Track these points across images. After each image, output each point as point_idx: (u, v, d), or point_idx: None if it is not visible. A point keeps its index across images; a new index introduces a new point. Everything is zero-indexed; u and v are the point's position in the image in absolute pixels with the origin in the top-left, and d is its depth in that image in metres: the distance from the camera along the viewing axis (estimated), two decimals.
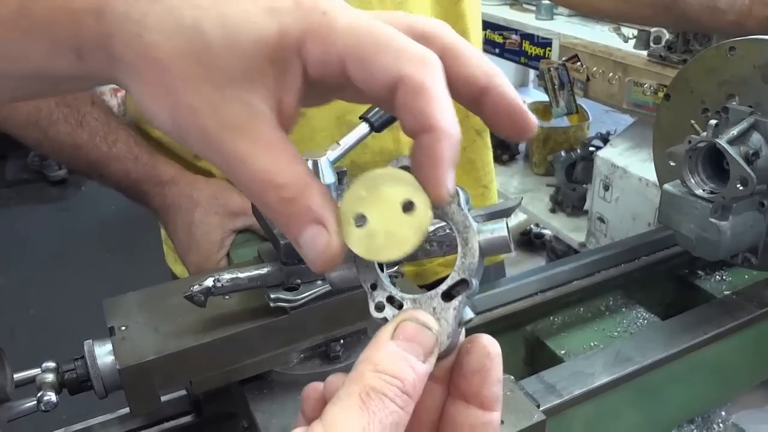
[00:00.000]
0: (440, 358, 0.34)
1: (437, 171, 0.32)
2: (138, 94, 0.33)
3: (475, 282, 0.35)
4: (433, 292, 0.35)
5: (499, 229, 0.35)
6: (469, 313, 0.36)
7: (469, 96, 0.35)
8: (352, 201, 0.34)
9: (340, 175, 0.66)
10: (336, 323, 0.66)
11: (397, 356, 0.32)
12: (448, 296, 0.35)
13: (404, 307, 0.35)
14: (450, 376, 0.36)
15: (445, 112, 0.32)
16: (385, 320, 0.35)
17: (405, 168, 0.35)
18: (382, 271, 0.37)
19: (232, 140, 0.32)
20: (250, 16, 0.32)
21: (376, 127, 0.67)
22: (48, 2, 0.32)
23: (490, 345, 0.35)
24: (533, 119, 0.36)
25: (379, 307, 0.36)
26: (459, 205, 0.35)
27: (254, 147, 0.32)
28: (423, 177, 0.33)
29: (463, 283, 0.35)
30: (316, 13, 0.32)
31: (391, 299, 0.36)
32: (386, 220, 0.34)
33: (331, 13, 0.32)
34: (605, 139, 2.67)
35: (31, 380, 0.60)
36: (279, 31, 0.32)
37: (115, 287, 0.69)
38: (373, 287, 0.36)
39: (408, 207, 0.33)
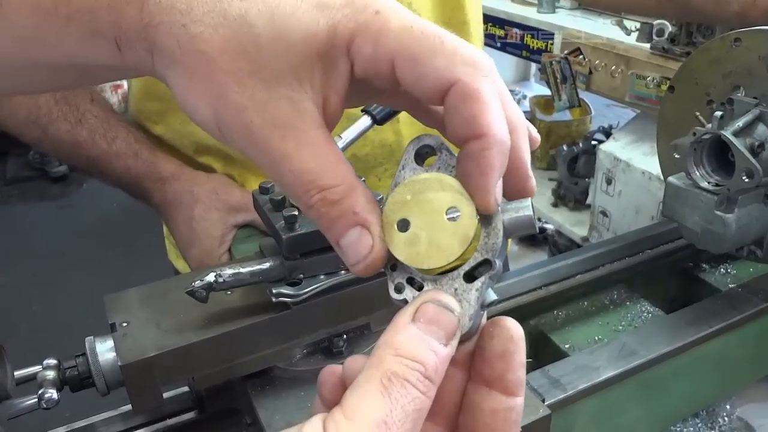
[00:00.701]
0: (462, 341, 0.33)
1: (486, 179, 0.32)
2: (179, 88, 0.32)
3: (498, 263, 0.34)
4: (455, 272, 0.34)
5: (524, 208, 0.34)
6: (492, 295, 0.35)
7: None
8: (396, 205, 0.34)
9: None
10: (339, 318, 0.66)
11: (419, 339, 0.31)
12: (470, 277, 0.34)
13: (424, 288, 0.34)
14: (471, 360, 0.35)
15: (497, 120, 0.32)
16: (405, 302, 0.34)
17: (426, 147, 0.35)
18: None
19: (277, 139, 0.31)
20: (299, 11, 0.31)
21: (378, 120, 0.67)
22: None
23: (513, 328, 0.34)
24: (531, 185, 0.36)
25: (399, 289, 0.35)
26: None
27: (300, 146, 0.32)
28: (471, 184, 0.32)
29: (486, 264, 0.34)
30: (368, 11, 0.32)
31: (411, 280, 0.35)
32: (430, 227, 0.33)
33: (384, 12, 0.32)
34: (608, 132, 2.67)
35: (33, 377, 0.60)
36: (329, 27, 0.31)
37: (116, 284, 0.69)
38: (393, 268, 0.35)
39: (453, 214, 0.33)
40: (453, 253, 0.33)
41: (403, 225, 0.33)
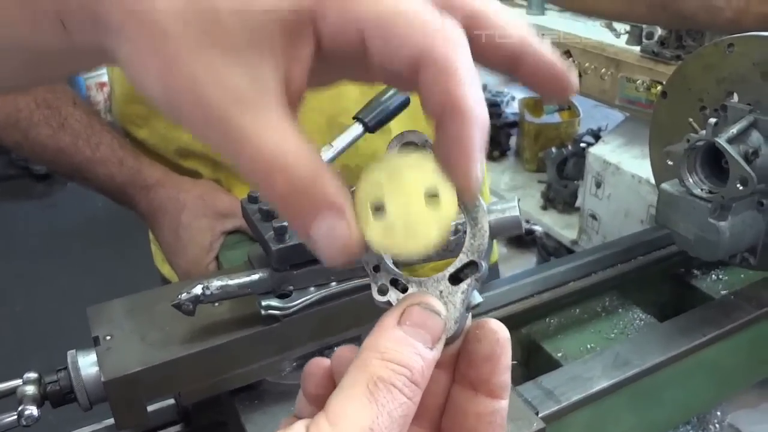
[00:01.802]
0: (446, 344, 0.32)
1: (465, 158, 0.29)
2: (127, 60, 0.29)
3: (484, 264, 0.33)
4: (440, 274, 0.33)
5: (510, 209, 0.33)
6: (477, 298, 0.34)
7: (504, 62, 0.32)
8: (371, 187, 0.31)
9: None
10: (329, 331, 0.64)
11: (405, 343, 0.30)
12: (455, 279, 0.33)
13: (409, 290, 0.33)
14: (456, 362, 0.34)
15: (473, 94, 0.29)
16: (388, 304, 0.33)
17: (410, 143, 0.33)
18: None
19: (235, 114, 0.28)
20: None
21: (370, 128, 0.65)
22: None
23: (500, 330, 0.33)
24: (573, 79, 0.32)
25: (383, 291, 0.33)
26: None
27: (261, 122, 0.28)
28: (449, 165, 0.30)
29: (472, 266, 0.33)
30: None
31: (395, 282, 0.33)
32: (407, 211, 0.30)
33: None
34: (596, 135, 2.67)
35: (12, 392, 0.58)
36: None
37: (102, 284, 0.67)
38: (376, 269, 0.34)
39: (432, 198, 0.30)
40: (431, 240, 0.30)
41: (378, 209, 0.31)
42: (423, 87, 0.30)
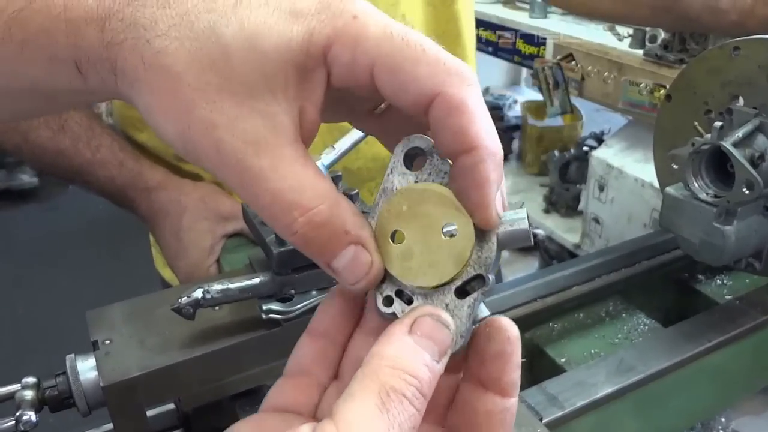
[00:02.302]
0: (450, 357, 0.32)
1: (484, 194, 0.30)
2: (145, 107, 0.30)
3: (491, 277, 0.32)
4: (446, 287, 0.33)
5: (519, 221, 0.32)
6: (484, 311, 0.34)
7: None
8: (392, 215, 0.32)
9: (335, 180, 0.64)
10: None
11: (415, 353, 0.30)
12: (462, 292, 0.32)
13: (414, 302, 0.33)
14: (464, 360, 0.34)
15: (487, 131, 0.30)
16: (393, 316, 0.33)
17: (415, 149, 0.33)
18: None
19: (251, 156, 0.29)
20: (272, 19, 0.29)
21: None
22: (45, 12, 0.29)
23: (510, 329, 0.33)
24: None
25: (388, 301, 0.33)
26: None
27: (276, 163, 0.29)
28: (469, 201, 0.31)
29: (478, 279, 0.32)
30: (346, 16, 0.30)
31: (399, 293, 0.33)
32: (425, 243, 0.32)
33: (362, 17, 0.30)
34: (599, 138, 2.66)
35: (11, 396, 0.57)
36: (304, 34, 0.29)
37: (102, 288, 0.67)
38: (381, 280, 0.33)
39: (450, 230, 0.31)
40: (447, 273, 0.32)
41: (398, 237, 0.32)
42: (435, 124, 0.30)
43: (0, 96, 0.33)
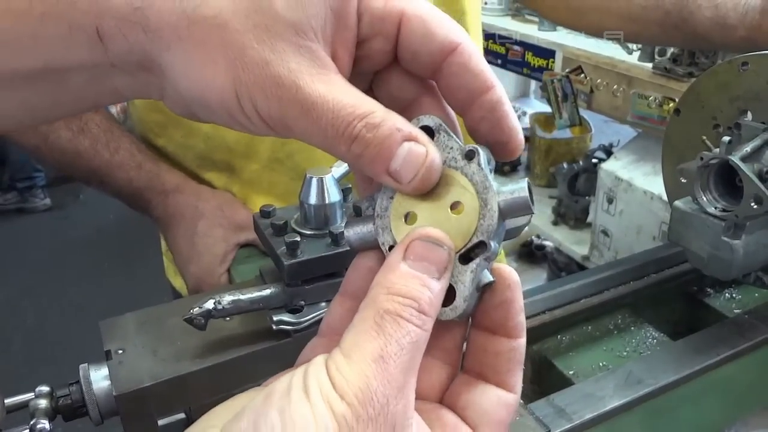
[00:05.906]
0: (458, 320, 0.35)
1: (511, 121, 0.35)
2: (184, 65, 0.31)
3: (494, 244, 0.34)
4: None
5: (519, 190, 0.34)
6: (488, 277, 0.35)
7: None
8: (405, 200, 0.35)
9: (345, 192, 0.65)
10: None
11: (410, 276, 0.32)
12: (465, 259, 0.34)
13: None
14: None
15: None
16: None
17: (425, 128, 0.35)
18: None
19: (309, 83, 0.31)
20: None
21: None
22: None
23: (510, 276, 0.35)
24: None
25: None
26: (479, 164, 0.34)
27: (331, 87, 0.32)
28: (501, 131, 0.35)
29: (481, 245, 0.34)
30: None
31: None
32: (434, 220, 0.34)
33: None
34: (608, 151, 2.66)
35: (24, 405, 0.58)
36: None
37: (113, 297, 0.67)
38: (392, 249, 0.35)
39: (456, 208, 0.34)
40: (455, 246, 0.34)
41: (410, 218, 0.35)
42: (457, 68, 0.34)
43: (4, 86, 0.32)
